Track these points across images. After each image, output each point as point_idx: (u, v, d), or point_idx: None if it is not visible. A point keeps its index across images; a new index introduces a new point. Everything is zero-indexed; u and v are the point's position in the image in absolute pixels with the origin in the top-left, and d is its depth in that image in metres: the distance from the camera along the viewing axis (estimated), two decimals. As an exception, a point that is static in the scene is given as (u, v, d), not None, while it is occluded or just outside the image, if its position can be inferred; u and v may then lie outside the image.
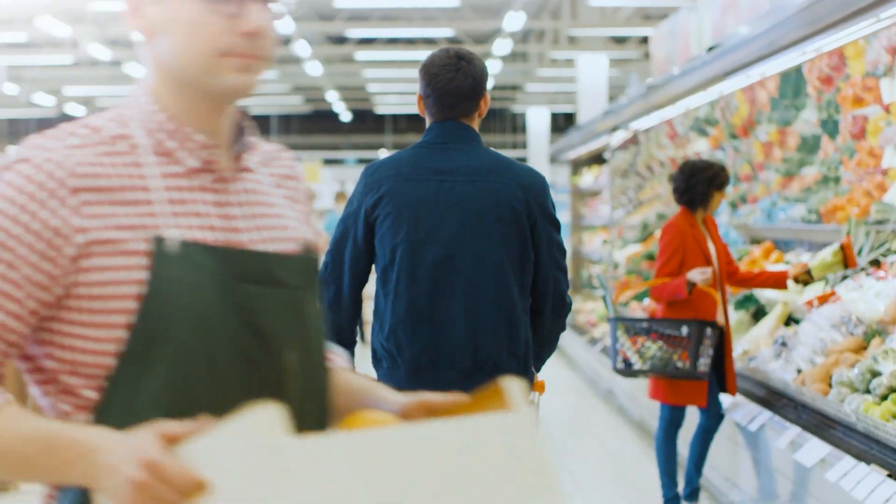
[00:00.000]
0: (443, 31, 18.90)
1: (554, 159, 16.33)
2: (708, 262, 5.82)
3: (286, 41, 19.80)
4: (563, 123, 30.09)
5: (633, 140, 10.94)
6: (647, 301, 8.86)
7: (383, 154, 21.98)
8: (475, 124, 3.40)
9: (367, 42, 21.48)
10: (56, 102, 27.87)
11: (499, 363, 3.25)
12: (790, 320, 6.12)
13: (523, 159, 30.90)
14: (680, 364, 5.50)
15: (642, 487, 6.95)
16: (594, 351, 10.98)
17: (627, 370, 5.71)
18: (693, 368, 5.49)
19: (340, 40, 21.58)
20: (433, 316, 3.24)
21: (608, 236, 11.67)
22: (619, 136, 10.08)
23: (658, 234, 11.44)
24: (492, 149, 3.41)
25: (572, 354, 12.35)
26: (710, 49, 6.58)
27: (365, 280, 3.41)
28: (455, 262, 3.25)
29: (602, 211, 12.58)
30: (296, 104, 31.37)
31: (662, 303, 5.76)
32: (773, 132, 7.97)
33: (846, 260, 5.52)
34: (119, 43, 19.94)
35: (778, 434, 5.09)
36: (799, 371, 5.12)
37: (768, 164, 8.28)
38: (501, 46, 18.55)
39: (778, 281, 5.81)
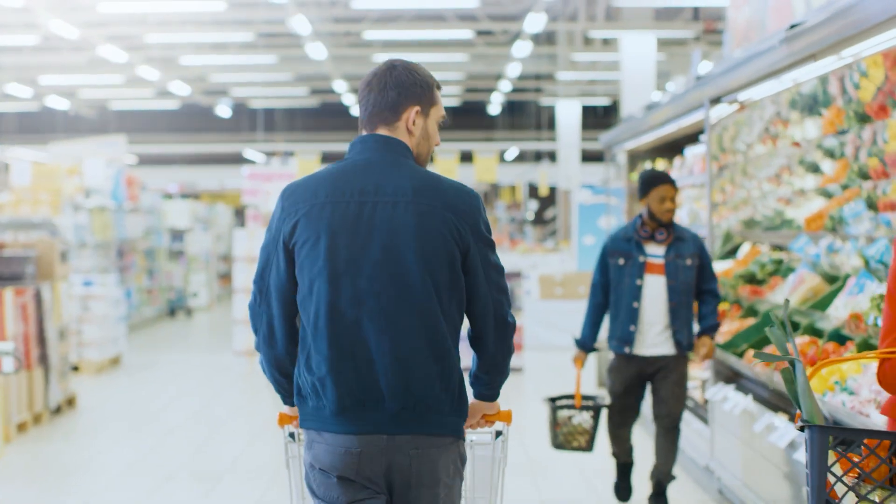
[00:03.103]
0: (467, 2, 16.39)
1: (586, 156, 13.66)
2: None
3: (281, 20, 17.21)
4: (599, 117, 27.80)
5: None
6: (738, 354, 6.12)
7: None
8: (407, 139, 3.20)
9: (377, 22, 18.86)
10: (34, 94, 25.34)
11: (430, 403, 3.08)
12: None
13: (553, 154, 28.40)
14: None
15: None
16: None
17: None
18: None
19: (347, 21, 19.00)
20: (357, 353, 3.08)
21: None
22: (721, 111, 7.30)
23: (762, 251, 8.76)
24: (420, 166, 3.20)
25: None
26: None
27: (296, 308, 3.20)
28: (378, 294, 3.07)
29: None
30: (300, 96, 28.81)
31: None
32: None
33: None
34: (88, 23, 17.39)
35: None
36: None
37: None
38: (533, 23, 16.01)
39: None
